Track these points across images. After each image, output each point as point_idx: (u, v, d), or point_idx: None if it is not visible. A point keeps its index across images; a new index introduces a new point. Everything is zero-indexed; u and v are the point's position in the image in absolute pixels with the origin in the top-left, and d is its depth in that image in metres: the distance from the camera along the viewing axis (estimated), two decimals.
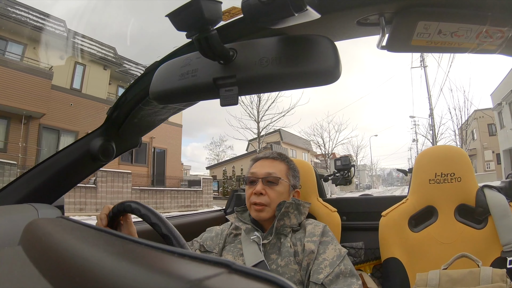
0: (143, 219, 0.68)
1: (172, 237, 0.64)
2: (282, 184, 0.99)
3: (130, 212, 0.72)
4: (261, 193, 0.96)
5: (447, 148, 1.15)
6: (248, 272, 0.23)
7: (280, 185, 0.98)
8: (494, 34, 0.53)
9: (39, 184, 0.80)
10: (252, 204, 0.97)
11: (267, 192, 0.97)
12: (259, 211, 0.96)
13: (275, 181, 0.98)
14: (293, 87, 0.51)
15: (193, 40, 0.45)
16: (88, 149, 0.84)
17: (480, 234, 1.02)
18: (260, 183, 0.98)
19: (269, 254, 0.91)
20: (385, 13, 0.55)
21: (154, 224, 0.66)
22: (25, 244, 0.46)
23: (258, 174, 0.99)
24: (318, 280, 0.82)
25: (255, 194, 0.97)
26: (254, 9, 0.41)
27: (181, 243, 0.65)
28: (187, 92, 0.54)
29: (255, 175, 1.00)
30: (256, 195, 0.97)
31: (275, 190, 0.97)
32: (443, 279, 0.87)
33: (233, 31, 0.62)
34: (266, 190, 0.97)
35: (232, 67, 0.50)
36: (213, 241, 1.02)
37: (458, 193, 1.07)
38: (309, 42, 0.48)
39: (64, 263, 0.32)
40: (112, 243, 0.38)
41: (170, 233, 0.64)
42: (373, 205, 1.36)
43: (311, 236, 0.92)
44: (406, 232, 1.10)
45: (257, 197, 0.96)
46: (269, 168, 1.00)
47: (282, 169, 1.02)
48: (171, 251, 0.30)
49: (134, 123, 0.89)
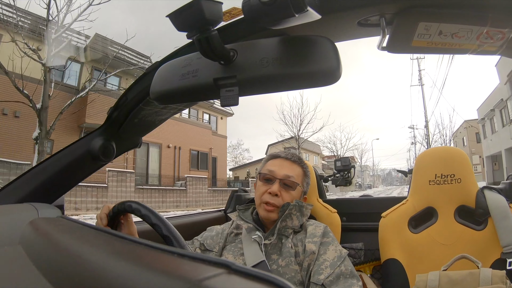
0: (143, 219, 0.68)
1: (173, 238, 0.64)
2: (297, 190, 0.98)
3: (130, 212, 0.72)
4: (277, 194, 0.94)
5: (447, 149, 1.15)
6: (248, 272, 0.23)
7: (296, 190, 0.97)
8: (494, 35, 0.53)
9: (40, 184, 0.80)
10: (263, 203, 0.95)
11: (282, 194, 0.95)
12: (269, 211, 0.94)
13: (292, 186, 0.96)
14: (294, 88, 0.51)
15: (193, 40, 0.45)
16: (88, 149, 0.84)
17: (480, 235, 1.02)
18: (277, 184, 0.95)
19: (270, 254, 0.91)
20: (386, 14, 0.55)
21: (154, 224, 0.66)
22: (25, 243, 0.46)
23: (276, 174, 0.97)
24: (319, 281, 0.82)
25: (269, 194, 0.95)
26: (254, 10, 0.41)
27: (181, 244, 0.65)
28: (187, 92, 0.54)
29: (273, 174, 0.97)
30: (271, 195, 0.94)
31: (290, 194, 0.96)
32: (443, 280, 0.87)
33: (234, 31, 0.62)
34: (282, 192, 0.95)
35: (233, 67, 0.50)
36: (214, 240, 1.01)
37: (458, 194, 1.07)
38: (309, 42, 0.48)
39: (64, 262, 0.32)
40: (112, 243, 0.38)
41: (171, 234, 0.64)
42: (373, 206, 1.36)
43: (312, 237, 0.92)
44: (406, 233, 1.09)
45: (271, 197, 0.94)
46: (289, 171, 0.98)
47: (300, 174, 1.01)
48: (171, 251, 0.30)
49: (135, 123, 0.89)
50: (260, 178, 1.00)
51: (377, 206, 1.29)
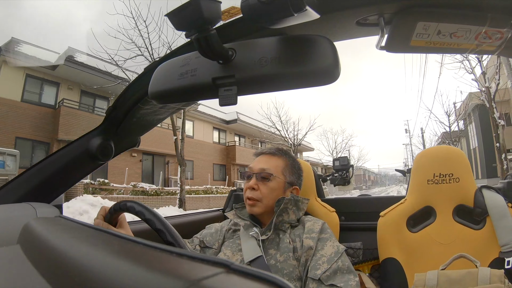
0: (136, 215, 0.68)
1: (167, 232, 0.64)
2: (275, 180, 0.99)
3: (126, 211, 0.71)
4: (253, 188, 0.98)
5: (445, 149, 1.15)
6: (247, 272, 0.23)
7: (272, 181, 0.99)
8: (493, 35, 0.54)
9: (38, 183, 0.80)
10: (246, 198, 0.99)
11: (259, 187, 0.98)
12: (251, 205, 0.97)
13: (267, 177, 0.99)
14: (292, 87, 0.51)
15: (192, 39, 0.45)
16: (86, 148, 0.84)
17: (478, 234, 1.02)
18: (253, 178, 0.99)
19: (268, 249, 0.92)
20: (385, 14, 0.55)
21: (148, 220, 0.66)
22: (24, 243, 0.46)
23: (252, 169, 1.01)
24: (316, 276, 0.83)
25: (249, 189, 0.99)
26: (253, 9, 0.40)
27: (178, 241, 0.65)
28: (186, 91, 0.54)
29: (250, 170, 1.02)
30: (250, 189, 0.98)
31: (267, 186, 0.98)
32: (441, 280, 0.87)
33: (233, 31, 0.62)
34: (259, 186, 0.98)
35: (231, 66, 0.50)
36: (213, 237, 1.03)
37: (457, 193, 1.07)
38: (308, 42, 0.48)
39: (62, 262, 0.32)
40: (111, 242, 0.38)
41: (165, 228, 0.64)
42: (372, 205, 1.36)
43: (310, 232, 0.92)
44: (404, 232, 1.10)
45: (250, 191, 0.98)
46: (264, 164, 1.01)
47: (279, 165, 1.02)
48: (170, 251, 0.30)
49: (133, 123, 0.89)
50: (244, 177, 1.04)
51: (375, 205, 1.29)
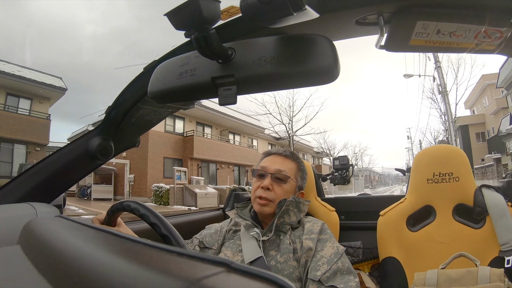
0: (142, 219, 0.68)
1: (171, 236, 0.64)
2: (290, 183, 1.00)
3: (129, 211, 0.72)
4: (268, 188, 0.97)
5: (445, 148, 1.15)
6: (247, 271, 0.23)
7: (288, 184, 0.99)
8: (492, 34, 0.54)
9: (38, 183, 0.80)
10: (257, 198, 0.97)
11: (274, 188, 0.97)
12: (263, 205, 0.96)
13: (284, 179, 0.99)
14: (292, 87, 0.51)
15: (191, 39, 0.45)
16: (86, 148, 0.84)
17: (478, 233, 1.02)
18: (268, 178, 0.98)
19: (268, 250, 0.92)
20: (384, 13, 0.55)
21: (153, 224, 0.66)
22: (24, 243, 0.46)
23: (268, 169, 1.00)
24: (316, 277, 0.83)
25: (261, 188, 0.97)
26: (252, 8, 0.40)
27: (180, 243, 0.65)
28: (185, 91, 0.54)
29: (265, 169, 1.00)
30: (263, 189, 0.97)
31: (282, 187, 0.98)
32: (441, 279, 0.87)
33: (232, 30, 0.62)
34: (274, 186, 0.97)
35: (231, 66, 0.50)
36: (212, 237, 1.02)
37: (456, 192, 1.07)
38: (307, 41, 0.48)
39: (62, 262, 0.32)
40: (111, 242, 0.38)
41: (169, 233, 0.64)
42: (371, 204, 1.36)
43: (310, 233, 0.92)
44: (404, 231, 1.10)
45: (263, 191, 0.97)
46: (280, 165, 1.00)
47: (292, 168, 1.03)
48: (170, 250, 0.30)
49: (133, 122, 0.89)
50: (254, 174, 1.03)
51: (375, 205, 1.29)
